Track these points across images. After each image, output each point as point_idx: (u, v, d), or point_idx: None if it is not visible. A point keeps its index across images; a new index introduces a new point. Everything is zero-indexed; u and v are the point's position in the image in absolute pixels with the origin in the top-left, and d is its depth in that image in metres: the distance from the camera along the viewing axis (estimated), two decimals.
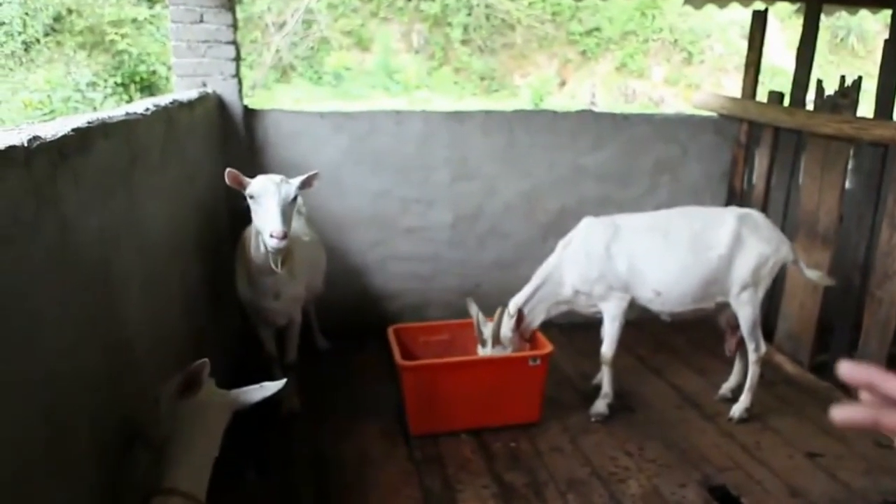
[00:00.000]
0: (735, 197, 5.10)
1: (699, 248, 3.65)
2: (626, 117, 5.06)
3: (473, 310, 3.79)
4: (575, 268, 3.73)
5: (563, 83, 16.62)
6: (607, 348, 3.80)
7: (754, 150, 4.96)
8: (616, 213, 4.00)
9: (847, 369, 0.73)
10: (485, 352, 3.73)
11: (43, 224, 1.65)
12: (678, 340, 4.89)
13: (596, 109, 9.66)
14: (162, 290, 2.78)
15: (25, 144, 1.57)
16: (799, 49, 4.61)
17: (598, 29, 16.88)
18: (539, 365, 3.64)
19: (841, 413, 0.72)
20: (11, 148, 1.51)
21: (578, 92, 16.17)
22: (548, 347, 3.71)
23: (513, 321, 3.73)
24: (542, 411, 3.77)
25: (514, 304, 3.77)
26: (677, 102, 16.02)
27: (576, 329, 4.56)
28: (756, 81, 5.03)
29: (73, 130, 1.84)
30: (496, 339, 3.69)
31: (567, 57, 16.80)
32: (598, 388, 3.96)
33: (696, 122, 5.18)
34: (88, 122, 2.00)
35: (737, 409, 3.84)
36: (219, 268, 3.78)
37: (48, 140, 1.68)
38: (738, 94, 5.18)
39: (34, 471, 1.58)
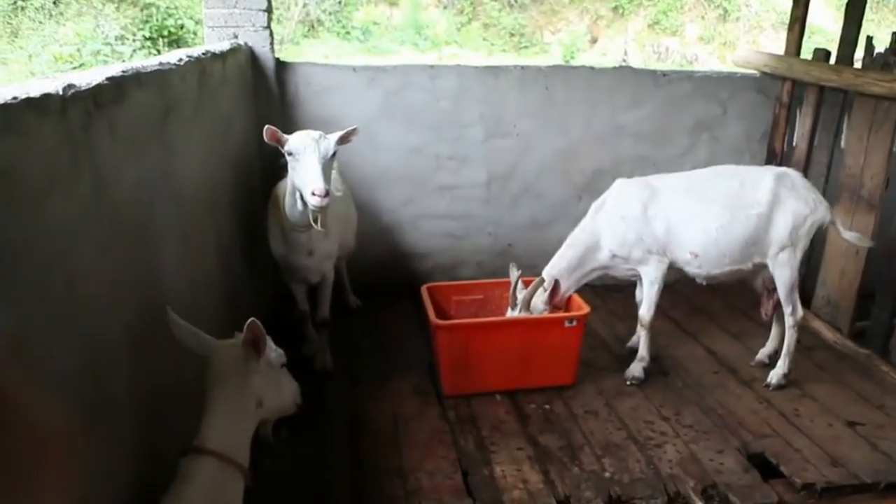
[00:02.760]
0: (775, 158, 4.92)
1: (737, 207, 3.54)
2: (664, 74, 4.87)
3: (514, 274, 3.71)
4: (611, 232, 3.62)
5: (594, 40, 16.20)
6: (646, 312, 3.71)
7: (796, 110, 4.77)
8: (653, 173, 3.87)
9: None
10: (513, 315, 3.66)
11: (78, 176, 1.58)
12: (714, 304, 4.77)
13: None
14: (197, 245, 2.72)
15: (61, 93, 1.49)
16: (847, 6, 4.39)
17: None
18: (575, 326, 3.56)
19: None
20: (47, 96, 1.43)
21: (610, 49, 15.75)
22: (584, 309, 3.62)
23: (546, 294, 3.65)
24: (578, 374, 3.70)
25: (549, 274, 3.68)
26: (711, 61, 15.57)
27: (610, 291, 4.46)
28: (801, 38, 4.81)
29: (107, 79, 1.76)
30: (525, 306, 3.62)
31: (598, 13, 16.35)
32: (633, 351, 3.88)
33: (736, 80, 4.97)
34: (123, 72, 1.91)
35: (774, 375, 3.74)
36: (252, 224, 3.72)
37: (83, 88, 1.60)
38: (778, 51, 4.96)
39: (74, 423, 1.53)
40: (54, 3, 11.52)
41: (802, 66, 4.59)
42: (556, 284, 3.66)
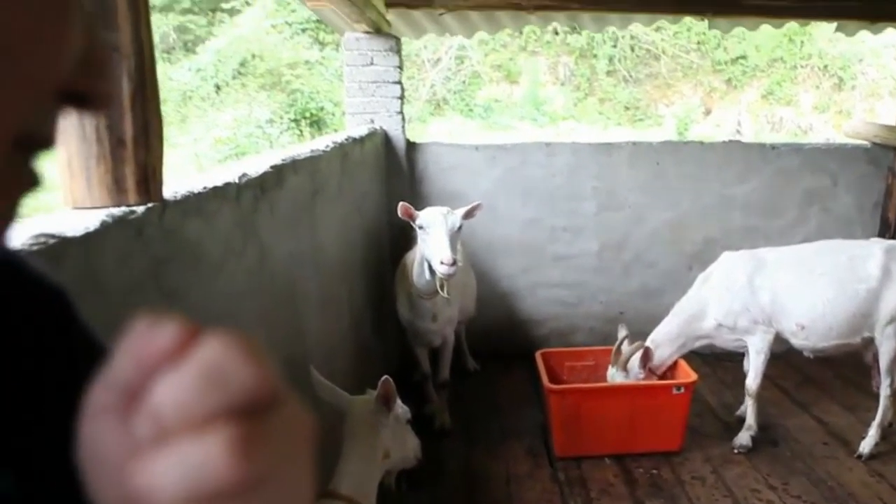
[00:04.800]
0: (888, 228, 4.71)
1: (845, 281, 3.46)
2: (773, 147, 4.82)
3: (621, 333, 3.75)
4: (717, 301, 3.62)
5: (707, 112, 15.98)
6: (752, 381, 3.64)
7: None
8: (763, 244, 3.83)
9: None
10: (609, 373, 3.70)
11: (246, 250, 1.82)
12: (825, 374, 4.55)
13: (742, 139, 9.23)
14: (334, 307, 2.95)
15: (237, 181, 1.74)
16: None
17: (744, 57, 16.11)
18: (683, 393, 3.52)
19: None
20: (227, 184, 1.68)
21: (723, 120, 15.48)
22: (692, 376, 3.59)
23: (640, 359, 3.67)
24: (685, 440, 3.64)
25: (653, 340, 3.70)
26: (827, 130, 14.95)
27: (720, 360, 4.37)
28: None
29: (271, 167, 2.02)
30: (622, 366, 3.65)
31: (712, 85, 16.16)
32: (741, 419, 3.79)
33: (846, 152, 4.84)
34: (283, 160, 2.18)
35: (865, 445, 3.57)
36: (381, 290, 3.95)
37: (253, 177, 1.85)
38: (892, 121, 4.80)
39: None
40: (217, 91, 12.69)
41: None
42: (648, 351, 3.65)
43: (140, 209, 1.31)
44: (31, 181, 0.35)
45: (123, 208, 1.29)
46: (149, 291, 1.31)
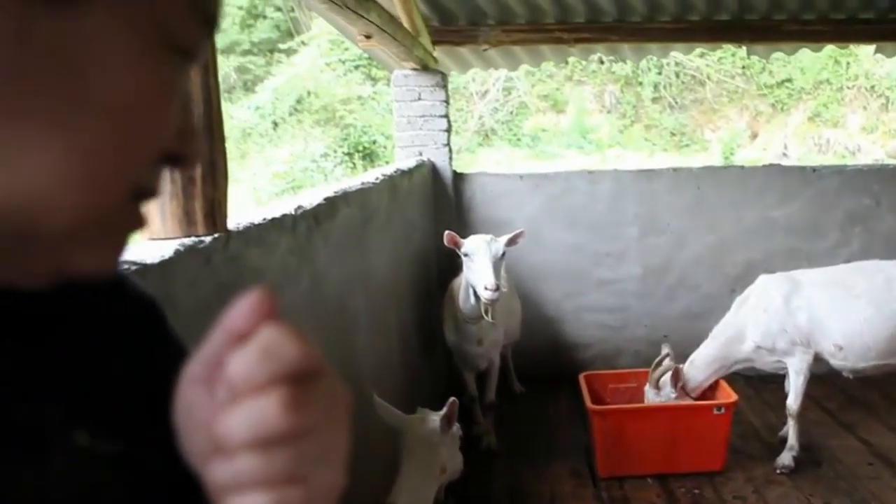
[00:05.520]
0: None
1: (882, 301, 3.42)
2: (814, 170, 4.79)
3: (664, 351, 3.77)
4: (755, 324, 3.62)
5: (754, 136, 15.76)
6: (793, 401, 3.62)
7: None
8: (806, 266, 3.82)
9: None
10: (646, 391, 3.73)
11: (301, 277, 1.95)
12: (871, 395, 4.45)
13: (787, 162, 9.10)
14: (382, 330, 3.07)
15: (293, 213, 1.88)
16: None
17: (789, 80, 15.87)
18: (724, 414, 3.53)
19: None
20: (284, 216, 1.82)
21: (770, 144, 15.24)
22: (732, 397, 3.60)
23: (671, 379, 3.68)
24: (727, 460, 3.63)
25: (692, 362, 3.71)
26: (875, 151, 14.57)
27: (764, 381, 4.33)
28: None
29: (324, 199, 2.16)
30: (654, 384, 3.69)
31: (758, 109, 15.95)
32: (784, 440, 3.76)
33: (889, 172, 4.79)
34: (335, 193, 2.33)
35: None
36: (429, 314, 4.07)
37: (308, 209, 1.99)
38: None
39: None
40: (274, 128, 13.14)
41: None
42: (677, 371, 3.65)
43: (207, 239, 1.45)
44: (139, 222, 0.47)
45: (193, 238, 1.43)
46: (215, 312, 1.44)
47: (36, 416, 0.45)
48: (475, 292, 3.40)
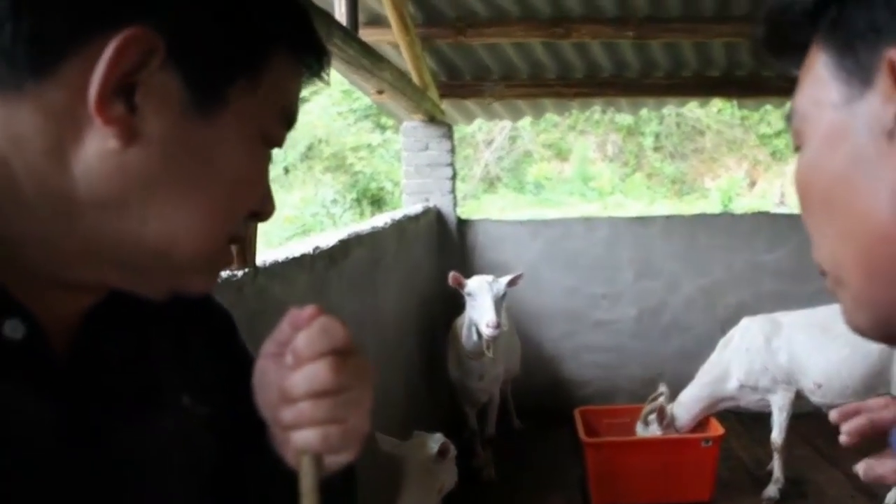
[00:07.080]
0: None
1: (858, 341, 3.52)
2: (801, 216, 4.99)
3: (659, 389, 3.92)
4: (738, 363, 3.78)
5: (752, 184, 16.06)
6: (777, 436, 3.77)
7: None
8: (794, 308, 3.98)
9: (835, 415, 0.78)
10: (637, 426, 3.88)
11: None
12: None
13: (783, 209, 9.30)
14: (389, 362, 3.26)
15: (311, 252, 2.10)
16: None
17: (786, 131, 16.20)
18: (711, 446, 3.69)
19: (869, 469, 0.76)
20: (303, 255, 2.04)
21: (768, 192, 15.51)
22: (719, 430, 3.76)
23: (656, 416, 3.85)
24: (714, 492, 3.76)
25: (679, 401, 3.87)
26: None
27: (755, 419, 4.46)
28: None
29: (339, 241, 2.38)
30: (643, 420, 3.84)
31: (757, 158, 16.28)
32: (771, 473, 3.89)
33: None
34: (349, 235, 2.55)
35: (891, 496, 3.58)
36: (433, 352, 4.25)
37: (325, 248, 2.21)
38: None
39: None
40: (285, 174, 13.48)
41: None
42: (661, 411, 3.81)
43: (239, 273, 1.66)
44: (231, 259, 0.67)
45: (227, 272, 1.64)
46: (245, 336, 1.65)
47: (157, 381, 0.66)
48: (477, 330, 3.59)
